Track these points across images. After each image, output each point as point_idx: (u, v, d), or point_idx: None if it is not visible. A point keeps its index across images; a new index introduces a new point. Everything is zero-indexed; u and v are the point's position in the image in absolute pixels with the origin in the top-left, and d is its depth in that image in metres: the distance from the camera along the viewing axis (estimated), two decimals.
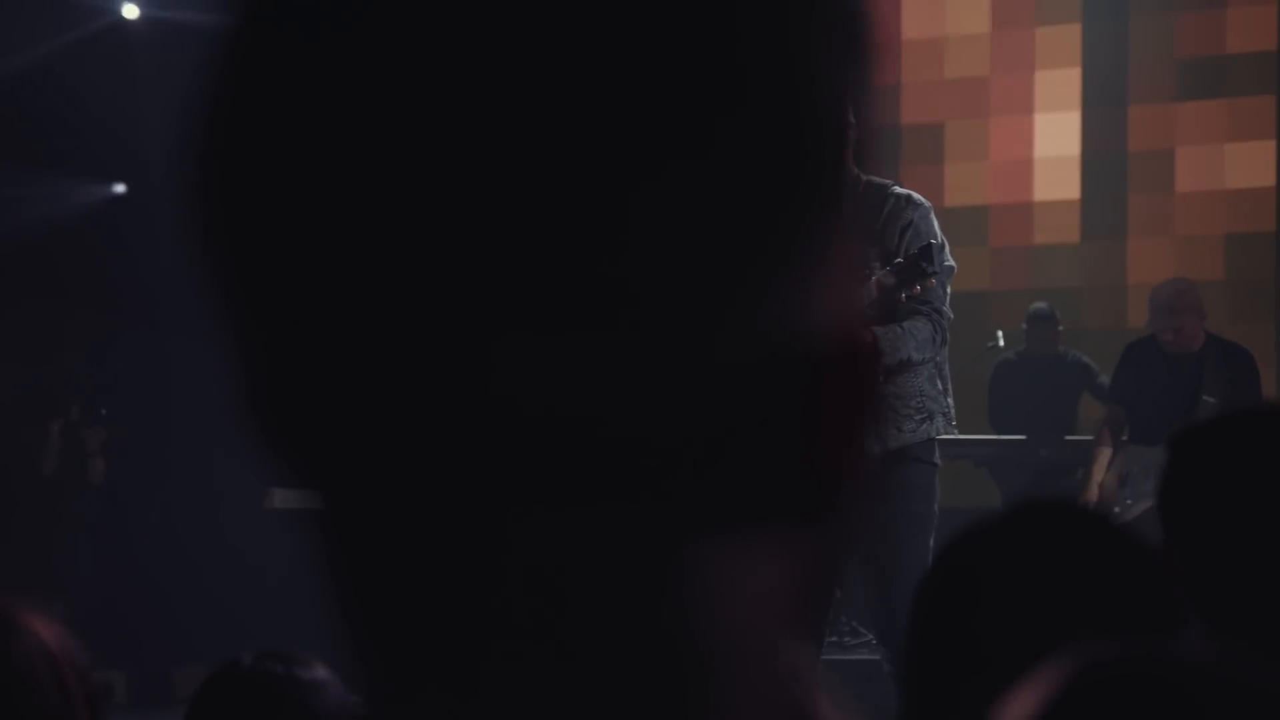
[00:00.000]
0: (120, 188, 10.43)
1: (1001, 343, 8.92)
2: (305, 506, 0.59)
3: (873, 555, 4.97)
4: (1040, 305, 9.06)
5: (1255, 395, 7.53)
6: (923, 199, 5.04)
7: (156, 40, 9.55)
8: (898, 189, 5.07)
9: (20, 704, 1.60)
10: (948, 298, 4.98)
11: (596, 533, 0.56)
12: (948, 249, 5.01)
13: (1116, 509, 7.49)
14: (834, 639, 8.15)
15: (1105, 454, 7.67)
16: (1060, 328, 8.99)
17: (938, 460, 5.12)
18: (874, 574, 5.00)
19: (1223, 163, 9.80)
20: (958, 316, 5.09)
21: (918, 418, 5.02)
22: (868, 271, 4.93)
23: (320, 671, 1.97)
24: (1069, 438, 8.74)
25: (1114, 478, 7.72)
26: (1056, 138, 10.15)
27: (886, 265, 4.90)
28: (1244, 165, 9.75)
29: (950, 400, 5.13)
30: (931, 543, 5.00)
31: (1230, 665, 0.92)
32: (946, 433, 5.11)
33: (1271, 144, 9.70)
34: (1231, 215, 9.77)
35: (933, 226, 4.99)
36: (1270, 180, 9.70)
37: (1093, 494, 7.53)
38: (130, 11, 10.10)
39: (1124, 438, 7.79)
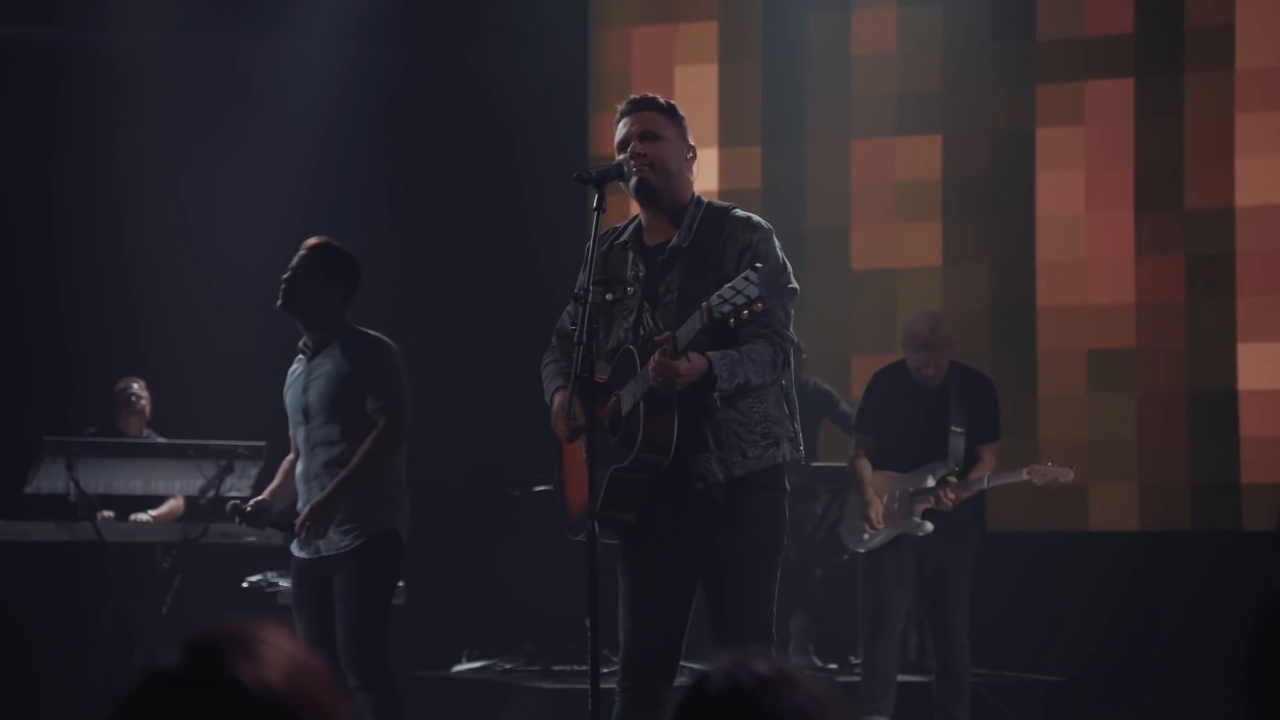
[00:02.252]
0: None
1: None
2: None
3: (715, 583, 4.95)
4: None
5: (994, 424, 7.73)
6: (763, 221, 5.05)
7: None
8: (738, 212, 5.07)
9: None
10: (791, 320, 4.95)
11: None
12: (790, 271, 5.03)
13: (865, 536, 7.54)
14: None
15: (870, 473, 7.67)
16: (805, 355, 9.03)
17: (786, 486, 5.07)
18: (715, 601, 4.95)
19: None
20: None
21: (763, 443, 4.97)
22: (706, 297, 4.94)
23: None
24: (813, 464, 8.82)
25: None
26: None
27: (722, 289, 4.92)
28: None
29: (797, 425, 5.08)
30: (777, 572, 4.98)
31: None
32: (793, 458, 5.06)
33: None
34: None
35: (773, 249, 4.99)
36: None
37: (876, 514, 7.52)
38: None
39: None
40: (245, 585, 8.64)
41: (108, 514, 8.60)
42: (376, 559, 6.18)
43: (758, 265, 4.64)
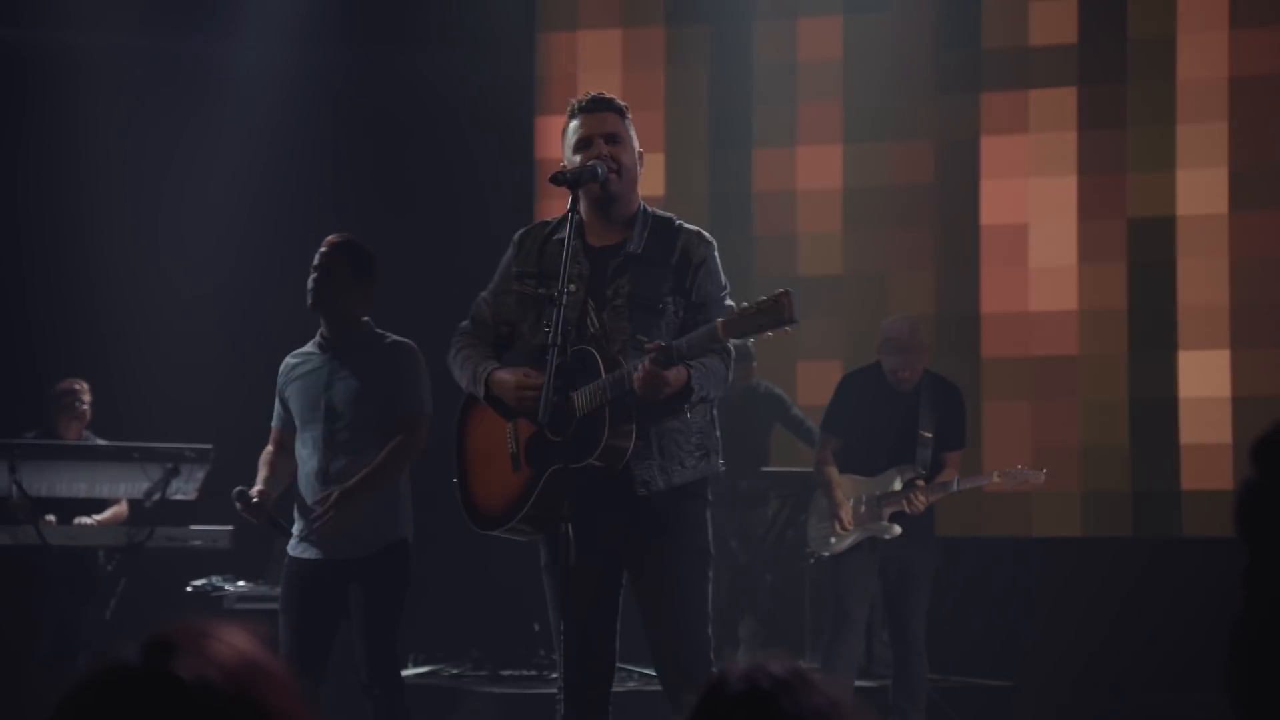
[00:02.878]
0: None
1: None
2: None
3: (653, 588, 4.97)
4: (737, 342, 9.12)
5: (961, 432, 7.79)
6: (710, 236, 5.11)
7: None
8: (686, 225, 5.10)
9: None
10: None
11: None
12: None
13: (832, 540, 7.57)
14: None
15: (837, 477, 7.68)
16: (754, 363, 9.07)
17: (710, 497, 5.13)
18: (653, 606, 4.97)
19: None
20: None
21: (698, 454, 5.02)
22: (661, 304, 4.96)
23: None
24: (764, 469, 8.83)
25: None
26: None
27: (677, 299, 4.96)
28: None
29: (718, 436, 5.14)
30: (709, 577, 5.03)
31: None
32: (719, 470, 5.12)
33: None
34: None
35: (719, 264, 5.07)
36: None
37: (847, 517, 7.55)
38: None
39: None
40: (190, 589, 8.60)
41: (50, 518, 8.51)
42: (392, 569, 6.18)
43: (789, 290, 4.64)
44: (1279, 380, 9.47)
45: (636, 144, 5.14)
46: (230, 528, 8.55)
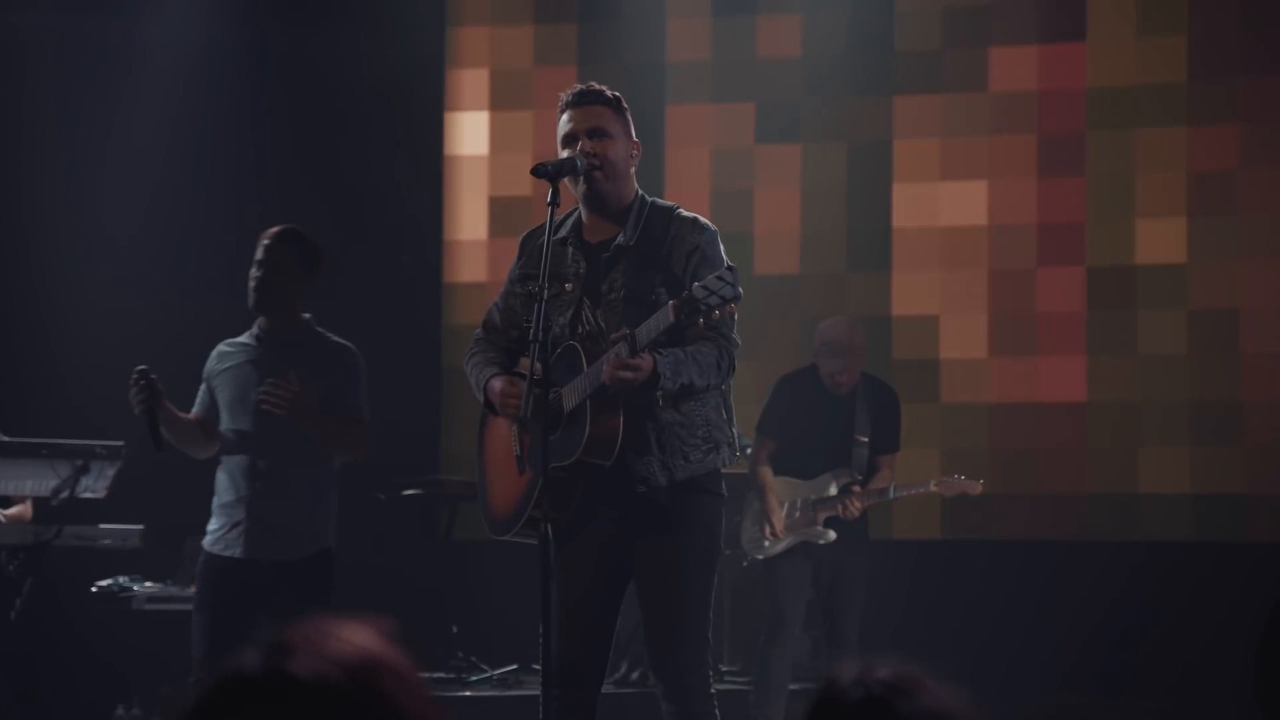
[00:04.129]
0: None
1: None
2: None
3: (651, 588, 4.89)
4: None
5: (896, 436, 7.80)
6: (709, 223, 5.00)
7: None
8: (683, 212, 5.01)
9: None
10: (735, 325, 4.89)
11: None
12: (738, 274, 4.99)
13: (765, 543, 7.56)
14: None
15: (771, 480, 7.64)
16: None
17: (724, 491, 5.02)
18: (651, 606, 4.89)
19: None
20: None
21: (704, 447, 4.92)
22: (653, 296, 4.88)
23: None
24: None
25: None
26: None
27: (671, 290, 4.84)
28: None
29: (735, 430, 5.04)
30: (715, 575, 4.95)
31: None
32: (731, 463, 5.02)
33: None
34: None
35: (719, 251, 4.95)
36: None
37: (779, 524, 7.52)
38: None
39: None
40: (95, 590, 8.39)
41: None
42: (319, 578, 6.02)
43: (731, 266, 4.58)
44: (1176, 385, 9.58)
45: (632, 134, 5.06)
46: (140, 527, 8.35)
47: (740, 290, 4.49)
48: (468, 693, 8.31)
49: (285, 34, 10.29)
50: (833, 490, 7.54)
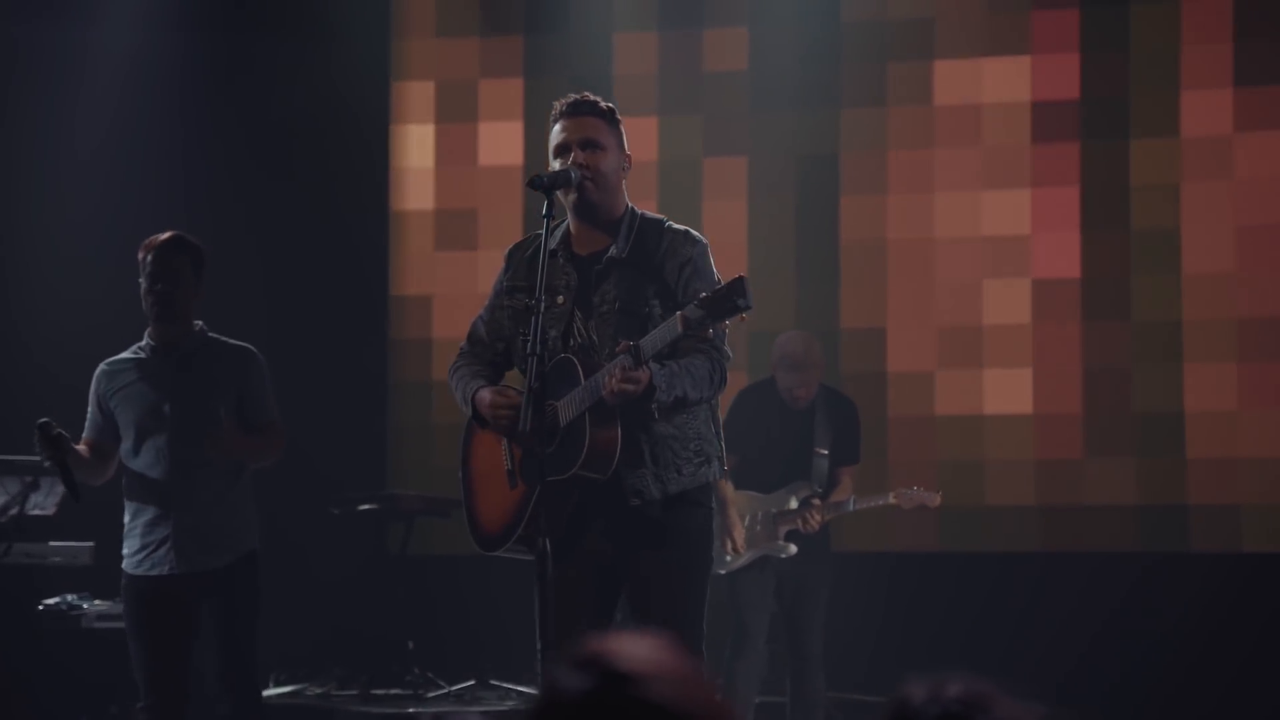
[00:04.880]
0: None
1: None
2: None
3: (644, 601, 4.87)
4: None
5: (855, 447, 7.84)
6: (700, 235, 4.99)
7: None
8: (673, 225, 5.00)
9: None
10: (726, 338, 4.88)
11: None
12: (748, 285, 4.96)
13: (727, 558, 7.56)
14: None
15: (732, 494, 7.62)
16: None
17: (713, 504, 5.03)
18: (643, 620, 4.87)
19: None
20: None
21: (696, 460, 4.91)
22: (647, 309, 4.86)
23: None
24: None
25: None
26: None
27: (664, 302, 4.83)
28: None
29: (723, 443, 5.03)
30: (707, 589, 4.94)
31: None
32: (720, 476, 5.02)
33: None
34: None
35: (711, 264, 4.94)
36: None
37: (739, 539, 7.51)
38: None
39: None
40: (42, 608, 8.26)
41: None
42: (248, 581, 5.98)
43: (741, 276, 4.57)
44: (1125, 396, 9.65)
45: (625, 146, 5.03)
46: (91, 544, 8.25)
47: (751, 300, 4.47)
48: (425, 709, 8.24)
49: (229, 43, 10.20)
50: (793, 504, 7.54)
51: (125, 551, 6.01)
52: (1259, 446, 9.43)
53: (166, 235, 6.02)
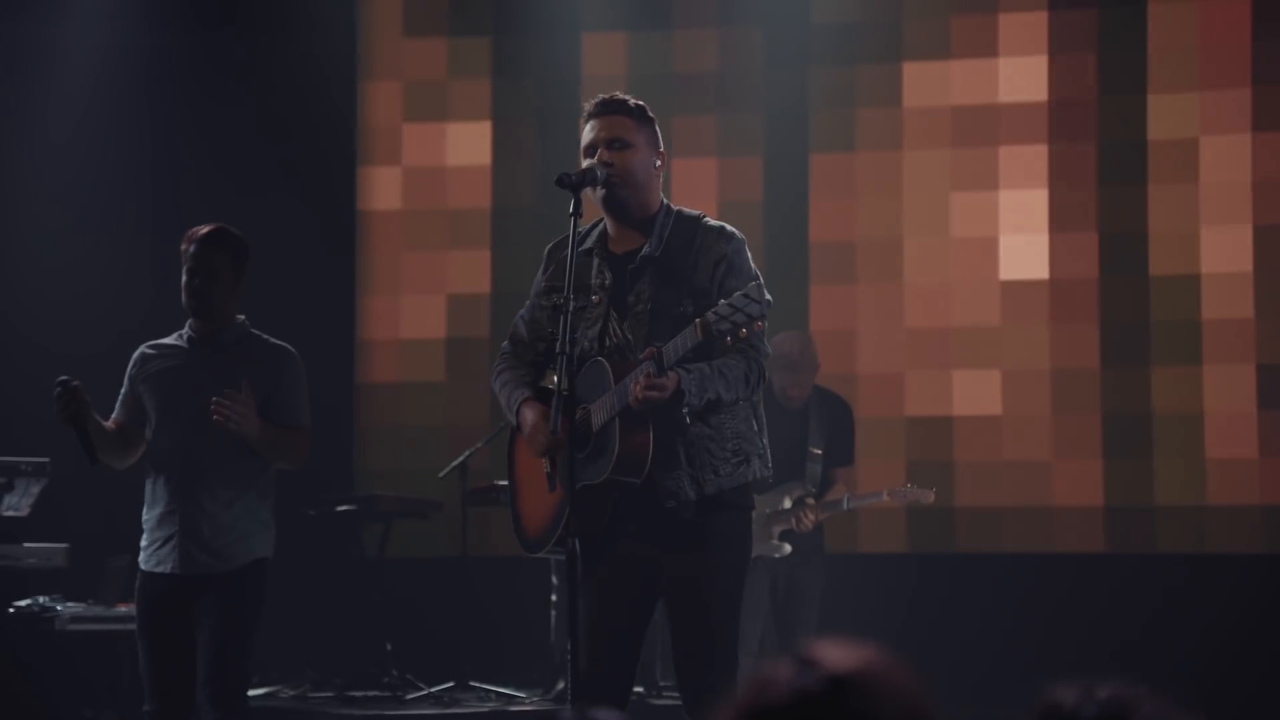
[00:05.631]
0: None
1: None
2: None
3: (680, 605, 4.81)
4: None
5: (850, 448, 7.86)
6: (736, 231, 4.93)
7: None
8: (709, 221, 4.94)
9: None
10: (765, 335, 4.79)
11: None
12: (763, 282, 4.92)
13: None
14: (640, 689, 8.08)
15: None
16: None
17: (753, 504, 4.97)
18: (679, 624, 4.81)
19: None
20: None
21: (734, 460, 4.84)
22: (680, 308, 4.82)
23: None
24: None
25: None
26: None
27: (698, 301, 4.78)
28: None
29: (765, 440, 4.97)
30: (743, 591, 4.88)
31: None
32: (762, 475, 4.95)
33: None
34: None
35: (748, 259, 4.88)
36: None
37: None
38: None
39: None
40: (13, 610, 8.17)
41: None
42: (249, 591, 5.75)
43: (757, 280, 4.55)
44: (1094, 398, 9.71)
45: (659, 144, 5.00)
46: (65, 546, 8.16)
47: (766, 304, 4.43)
48: (410, 711, 8.19)
49: (196, 42, 10.13)
50: (787, 504, 7.53)
51: (141, 544, 5.82)
52: (1227, 449, 9.50)
53: (208, 228, 5.85)
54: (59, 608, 8.13)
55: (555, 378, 4.68)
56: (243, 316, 5.91)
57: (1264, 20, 9.65)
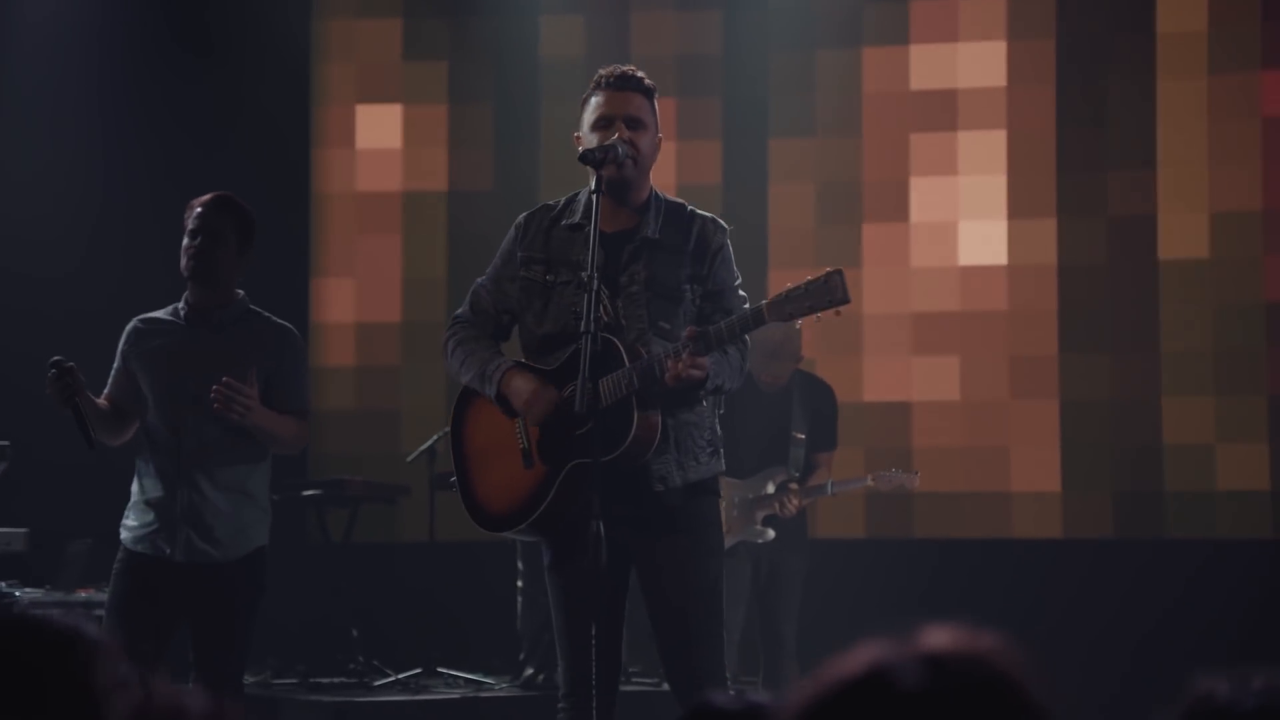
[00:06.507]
0: None
1: None
2: None
3: (664, 588, 4.79)
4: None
5: (832, 433, 7.84)
6: (724, 223, 4.96)
7: None
8: (699, 211, 4.95)
9: None
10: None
11: None
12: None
13: None
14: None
15: None
16: None
17: (721, 492, 5.01)
18: (664, 607, 4.79)
19: None
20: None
21: (709, 450, 4.88)
22: (680, 291, 4.81)
23: None
24: None
25: None
26: None
27: (696, 285, 4.80)
28: None
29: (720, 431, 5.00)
30: (723, 577, 4.88)
31: None
32: (722, 469, 4.99)
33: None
34: None
35: (731, 253, 4.93)
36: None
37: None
38: None
39: None
40: None
41: None
42: (249, 582, 5.60)
43: (839, 270, 4.60)
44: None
45: (658, 128, 4.95)
46: (25, 530, 8.00)
47: (849, 294, 4.51)
48: (377, 698, 8.10)
49: (148, 20, 9.97)
50: (770, 489, 7.49)
51: (127, 523, 5.60)
52: (1182, 434, 9.55)
53: (214, 195, 5.65)
54: (17, 593, 7.98)
55: (526, 352, 4.65)
56: (243, 292, 5.73)
57: (1219, 6, 9.70)
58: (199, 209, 5.60)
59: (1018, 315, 9.79)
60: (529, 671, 8.32)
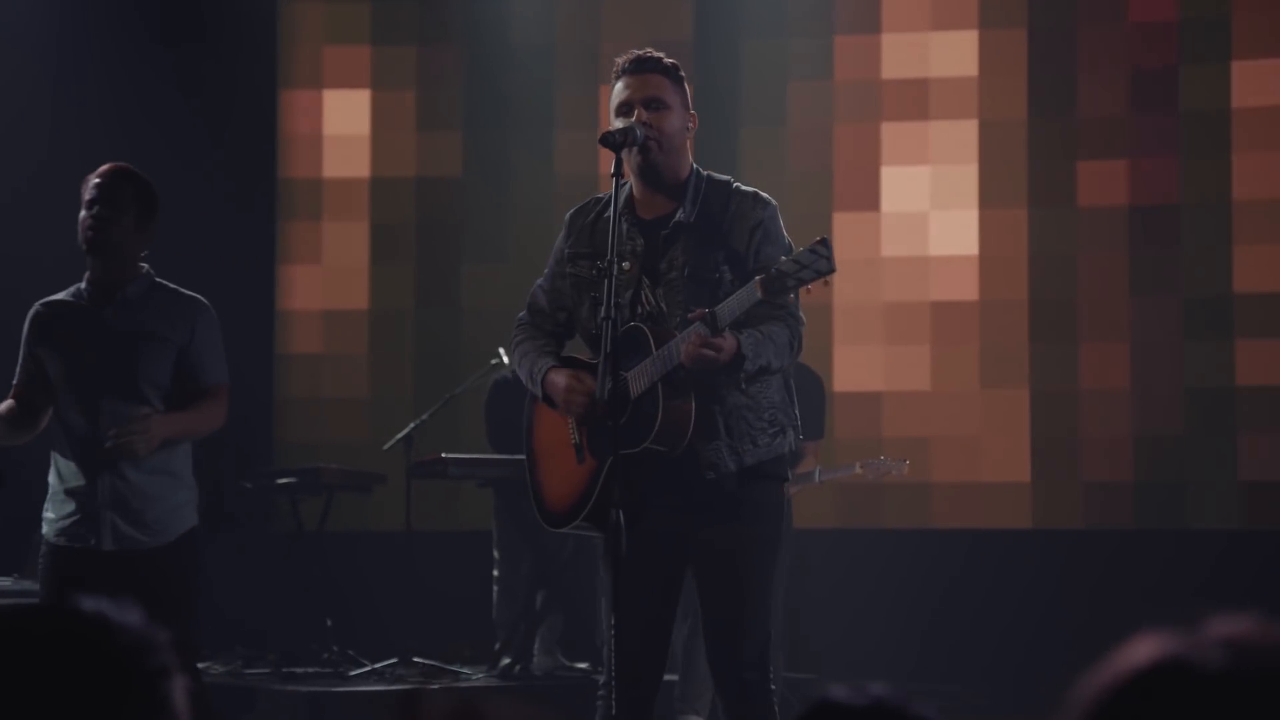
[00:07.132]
0: None
1: (505, 360, 8.13)
2: None
3: (713, 577, 4.70)
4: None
5: (819, 422, 7.86)
6: (769, 197, 4.83)
7: None
8: (742, 186, 4.84)
9: None
10: (800, 303, 4.71)
11: None
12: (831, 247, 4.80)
13: None
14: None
15: None
16: None
17: (789, 476, 4.89)
18: (715, 599, 4.70)
19: None
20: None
21: (771, 431, 4.74)
22: (716, 274, 4.71)
23: None
24: None
25: None
26: None
27: (734, 267, 4.68)
28: None
29: (797, 411, 4.87)
30: (776, 566, 4.81)
31: None
32: (796, 446, 4.86)
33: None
34: None
35: (780, 227, 4.79)
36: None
37: None
38: None
39: None
40: None
41: None
42: (186, 565, 5.38)
43: (825, 238, 4.43)
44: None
45: (689, 105, 4.85)
46: None
47: (834, 263, 4.35)
48: (355, 688, 8.00)
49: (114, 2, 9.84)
50: None
51: (47, 515, 5.40)
52: (1150, 426, 9.56)
53: (112, 165, 5.42)
54: None
55: (588, 347, 4.56)
56: (147, 266, 5.46)
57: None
58: (96, 180, 5.37)
59: (988, 305, 9.78)
60: (505, 661, 8.24)
